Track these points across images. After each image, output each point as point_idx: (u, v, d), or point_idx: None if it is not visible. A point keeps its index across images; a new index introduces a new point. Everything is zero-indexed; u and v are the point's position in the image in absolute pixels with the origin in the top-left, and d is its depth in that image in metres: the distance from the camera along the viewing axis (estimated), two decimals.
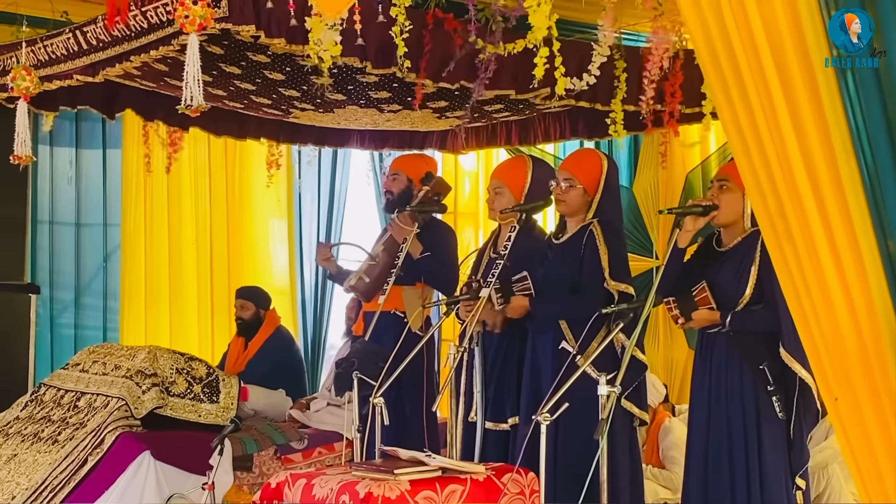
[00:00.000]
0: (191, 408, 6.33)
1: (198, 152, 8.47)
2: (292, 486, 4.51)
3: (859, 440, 2.72)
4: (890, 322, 2.67)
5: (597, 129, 7.06)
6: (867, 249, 2.73)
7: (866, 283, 2.71)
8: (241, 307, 7.65)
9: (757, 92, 2.89)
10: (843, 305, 2.74)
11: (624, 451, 5.12)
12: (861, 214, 2.76)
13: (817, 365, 2.88)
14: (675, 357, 8.16)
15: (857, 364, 2.70)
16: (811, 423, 4.81)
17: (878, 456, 2.67)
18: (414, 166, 6.46)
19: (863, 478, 2.74)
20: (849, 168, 2.78)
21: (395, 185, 6.41)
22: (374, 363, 5.38)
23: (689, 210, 4.83)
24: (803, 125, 2.81)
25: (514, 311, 5.37)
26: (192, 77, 4.45)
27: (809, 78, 2.82)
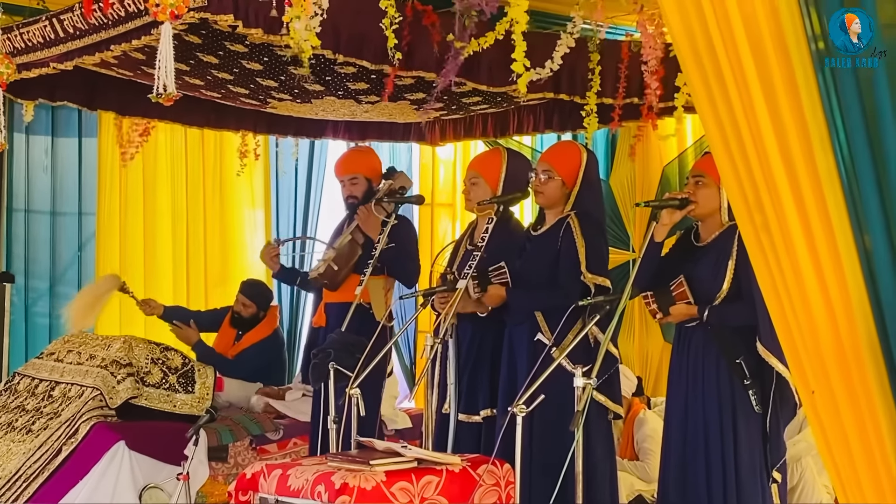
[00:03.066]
0: (166, 398, 6.32)
1: (174, 141, 8.43)
2: (267, 477, 4.50)
3: (835, 434, 2.74)
4: (866, 316, 2.68)
5: (570, 121, 7.08)
6: (843, 243, 2.74)
7: (843, 277, 2.72)
8: (243, 304, 7.60)
9: (736, 86, 2.90)
10: (819, 299, 2.75)
11: (599, 443, 5.13)
12: (838, 209, 2.77)
13: (794, 359, 2.89)
14: (651, 350, 8.19)
15: (833, 358, 2.71)
16: (788, 417, 4.84)
17: (853, 449, 2.68)
18: (366, 165, 6.46)
19: (838, 471, 2.76)
20: (826, 162, 2.79)
21: (356, 189, 6.37)
22: (350, 354, 5.38)
23: (666, 203, 4.84)
24: (781, 119, 2.81)
25: (491, 300, 5.36)
26: (165, 66, 4.42)
27: (788, 72, 2.83)
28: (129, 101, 6.87)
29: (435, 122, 7.94)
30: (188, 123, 7.55)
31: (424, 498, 4.35)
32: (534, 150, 8.45)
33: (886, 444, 2.61)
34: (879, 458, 2.63)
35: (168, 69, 4.44)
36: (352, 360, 5.27)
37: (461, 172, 8.65)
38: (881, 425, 2.62)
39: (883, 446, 2.62)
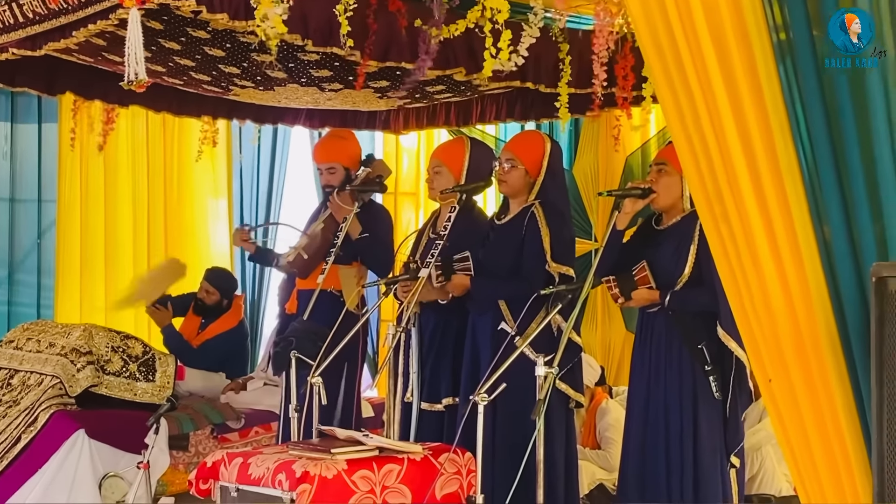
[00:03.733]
0: (126, 386, 6.27)
1: (135, 129, 8.36)
2: (228, 465, 4.49)
3: (793, 421, 2.75)
4: (825, 306, 2.69)
5: (533, 110, 7.09)
6: (803, 234, 2.76)
7: (802, 267, 2.73)
8: (207, 291, 7.59)
9: (697, 76, 2.90)
10: (778, 289, 2.76)
11: (560, 431, 5.14)
12: (798, 199, 2.78)
13: (752, 347, 2.91)
14: (613, 339, 8.21)
15: (791, 347, 2.73)
16: (745, 404, 4.86)
17: (810, 437, 2.70)
18: (344, 154, 6.31)
19: (795, 458, 2.77)
20: (786, 153, 2.80)
21: (333, 179, 6.23)
22: (312, 342, 5.36)
23: (628, 192, 4.86)
24: (742, 110, 2.82)
25: (455, 289, 5.36)
26: (134, 52, 4.38)
27: (749, 63, 2.84)
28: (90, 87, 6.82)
29: (398, 111, 7.92)
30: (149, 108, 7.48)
31: (385, 486, 4.35)
32: (497, 139, 8.45)
33: (843, 432, 2.62)
34: (836, 446, 2.65)
35: (138, 56, 4.40)
36: (314, 348, 5.25)
37: (425, 161, 8.62)
38: (839, 414, 2.64)
39: (840, 434, 2.63)
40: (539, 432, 4.18)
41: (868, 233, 2.62)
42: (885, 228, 2.59)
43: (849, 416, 2.61)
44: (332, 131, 7.01)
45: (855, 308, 2.60)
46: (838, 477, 2.64)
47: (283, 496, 4.16)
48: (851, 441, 2.60)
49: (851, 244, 2.66)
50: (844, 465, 2.62)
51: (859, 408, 2.60)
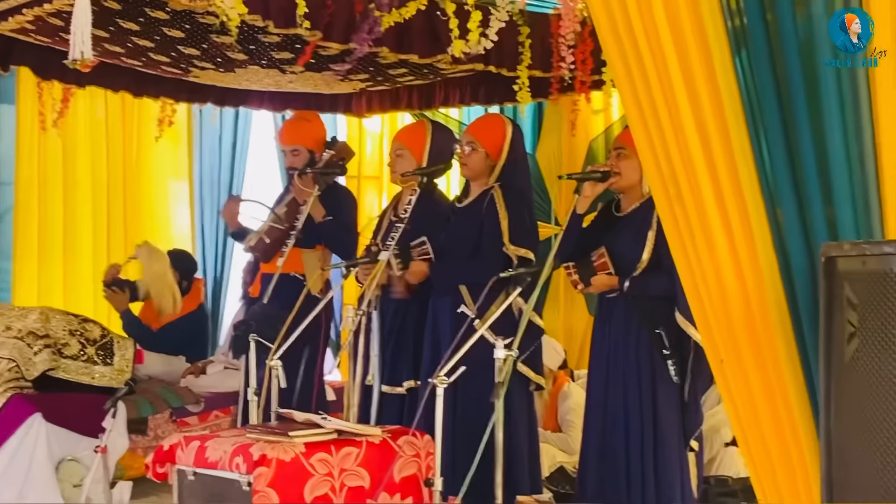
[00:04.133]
0: (84, 370, 6.22)
1: (94, 110, 8.28)
2: (185, 449, 4.47)
3: (743, 400, 2.76)
4: (776, 286, 2.70)
5: (497, 94, 7.08)
6: (755, 216, 2.76)
7: (754, 247, 2.74)
8: None
9: (652, 57, 2.91)
10: (730, 269, 2.77)
11: (521, 414, 5.15)
12: (751, 182, 2.79)
13: (704, 327, 2.92)
14: (575, 323, 8.23)
15: (742, 327, 2.74)
16: (704, 387, 4.88)
17: (761, 417, 2.71)
18: (309, 136, 6.26)
19: (746, 437, 2.79)
20: (739, 135, 2.80)
21: (297, 161, 6.19)
22: (271, 326, 5.34)
23: (588, 176, 4.86)
24: (696, 91, 2.83)
25: (414, 276, 5.37)
26: (81, 30, 4.32)
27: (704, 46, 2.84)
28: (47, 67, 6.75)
29: (361, 94, 7.90)
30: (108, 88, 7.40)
31: (344, 469, 4.34)
32: (461, 122, 8.43)
33: (794, 411, 2.64)
34: (787, 425, 2.66)
35: (84, 34, 4.34)
36: (273, 331, 5.23)
37: (388, 145, 8.60)
38: (789, 393, 2.65)
39: (790, 413, 2.65)
40: (498, 415, 4.18)
41: (819, 215, 2.64)
42: (835, 211, 2.60)
43: (799, 394, 2.63)
44: (297, 114, 6.94)
45: (806, 289, 2.61)
46: (788, 455, 2.65)
47: (240, 479, 4.15)
48: (801, 420, 2.62)
49: (803, 226, 2.67)
50: (794, 443, 2.63)
51: (809, 387, 2.61)
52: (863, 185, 2.58)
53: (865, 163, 2.58)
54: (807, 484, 2.60)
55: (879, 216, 2.56)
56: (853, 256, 2.18)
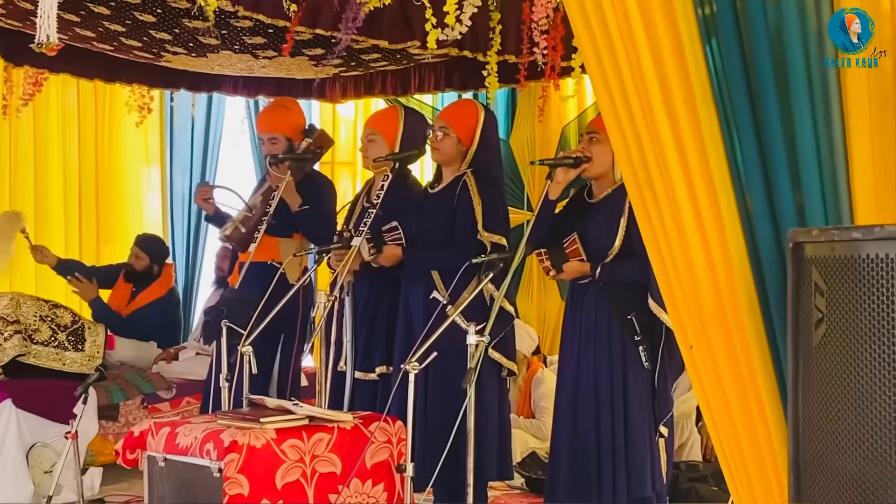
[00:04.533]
0: (55, 356, 6.20)
1: (66, 96, 8.25)
2: (156, 435, 4.44)
3: (713, 386, 2.77)
4: (745, 273, 2.71)
5: (471, 80, 7.08)
6: (725, 202, 2.77)
7: (723, 233, 2.75)
8: (136, 257, 7.54)
9: (622, 42, 2.91)
10: (700, 255, 2.78)
11: (492, 400, 5.15)
12: (720, 168, 2.80)
13: (674, 313, 2.92)
14: (548, 309, 8.25)
15: (712, 313, 2.74)
16: (676, 373, 4.89)
17: (730, 401, 2.72)
18: (287, 124, 6.17)
19: (715, 422, 2.80)
20: (709, 123, 2.81)
21: (276, 149, 6.09)
22: (243, 311, 5.33)
23: (561, 161, 4.85)
24: (667, 79, 2.83)
25: (387, 260, 5.35)
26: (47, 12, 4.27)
27: (674, 32, 2.84)
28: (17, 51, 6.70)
29: (335, 80, 7.88)
30: (80, 75, 7.37)
31: (315, 455, 4.33)
32: (434, 108, 8.44)
33: (762, 397, 2.65)
34: (756, 410, 2.67)
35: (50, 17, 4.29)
36: (244, 317, 5.22)
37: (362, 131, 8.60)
38: (758, 378, 2.66)
39: (759, 398, 2.66)
40: (470, 401, 4.18)
41: (788, 202, 2.64)
42: (804, 198, 2.61)
43: (767, 380, 2.64)
44: (275, 101, 6.87)
45: (774, 275, 2.62)
46: (757, 440, 2.66)
47: (210, 465, 4.13)
48: (770, 405, 2.63)
49: (772, 212, 2.68)
50: (763, 428, 2.64)
51: (777, 373, 2.62)
52: (832, 171, 2.59)
53: (834, 150, 2.60)
54: (775, 468, 2.62)
55: (848, 203, 2.57)
56: (821, 242, 2.19)
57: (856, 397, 2.06)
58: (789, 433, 2.33)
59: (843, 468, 2.09)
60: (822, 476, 2.17)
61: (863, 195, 2.55)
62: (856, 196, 2.55)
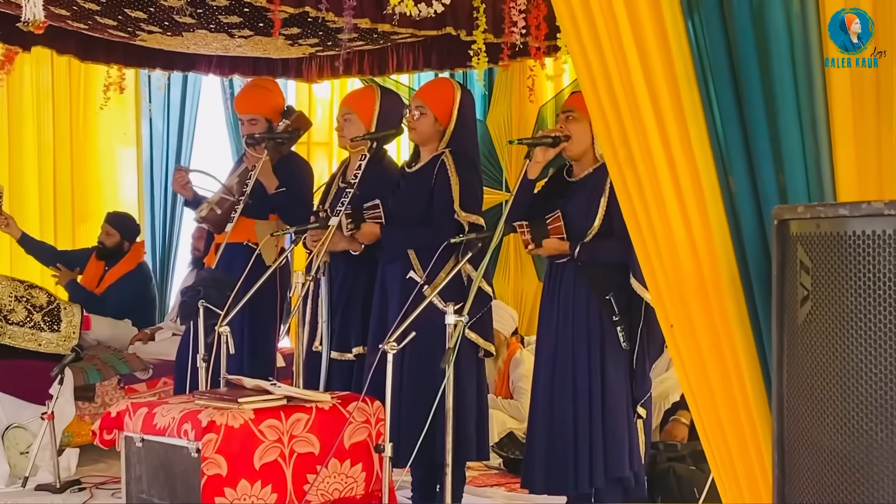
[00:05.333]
0: (30, 336, 6.16)
1: (40, 75, 8.19)
2: (133, 416, 4.43)
3: (694, 365, 2.77)
4: (727, 251, 2.70)
5: (449, 60, 7.07)
6: (707, 180, 2.76)
7: (705, 212, 2.73)
8: (107, 233, 7.53)
9: (603, 18, 2.89)
10: (682, 233, 2.77)
11: (470, 380, 5.14)
12: (702, 145, 2.78)
13: (655, 291, 2.91)
14: (525, 289, 8.26)
15: (693, 292, 2.73)
16: (655, 355, 4.89)
17: (711, 380, 2.71)
18: (266, 105, 6.10)
19: (696, 402, 2.79)
20: (691, 100, 2.79)
21: (255, 130, 6.02)
22: (220, 291, 5.31)
23: (540, 141, 4.83)
24: (647, 54, 2.81)
25: (365, 237, 5.32)
26: None
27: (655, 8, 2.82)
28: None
29: (311, 59, 7.84)
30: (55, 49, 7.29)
31: (294, 436, 4.33)
32: (411, 88, 8.42)
33: (744, 376, 2.64)
34: (737, 390, 2.66)
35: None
36: (221, 297, 5.20)
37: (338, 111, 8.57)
38: (739, 357, 2.65)
39: (741, 378, 2.65)
40: (448, 381, 4.18)
41: (771, 182, 2.63)
42: (786, 179, 2.60)
43: (749, 359, 2.63)
44: (254, 80, 6.80)
45: (757, 254, 2.61)
46: (738, 420, 2.66)
47: (188, 446, 4.12)
48: (752, 385, 2.62)
49: (754, 193, 2.67)
50: (745, 408, 2.64)
51: (760, 351, 2.62)
52: (815, 151, 2.58)
53: (817, 129, 2.58)
54: (757, 446, 2.62)
55: (831, 182, 2.56)
56: (807, 219, 2.18)
57: (841, 374, 2.05)
58: (773, 411, 2.32)
59: (828, 446, 2.09)
60: (807, 454, 2.16)
61: (845, 175, 2.54)
62: (839, 176, 2.55)
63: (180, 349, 5.96)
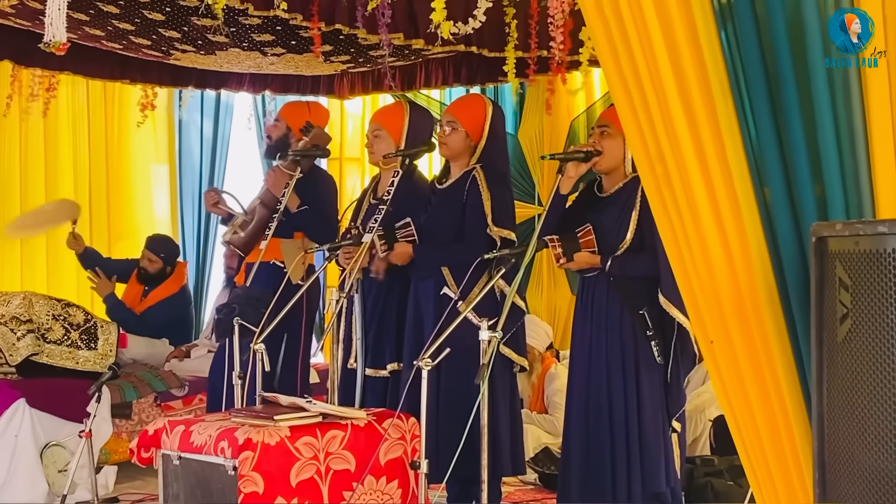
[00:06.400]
0: (68, 355, 6.20)
1: (76, 95, 8.26)
2: (170, 434, 4.44)
3: (733, 382, 2.75)
4: (765, 268, 2.69)
5: (478, 74, 7.08)
6: (743, 195, 2.75)
7: (742, 227, 2.73)
8: (149, 260, 7.55)
9: (638, 36, 2.89)
10: (719, 250, 2.76)
11: (504, 395, 5.14)
12: (738, 161, 2.77)
13: (693, 308, 2.90)
14: (559, 303, 8.24)
15: (732, 308, 2.72)
16: (688, 368, 4.88)
17: (750, 397, 2.70)
18: (295, 115, 6.18)
19: (735, 417, 2.78)
20: (727, 115, 2.79)
21: (274, 131, 6.20)
22: (254, 309, 5.32)
23: (572, 156, 4.83)
24: (683, 71, 2.81)
25: (398, 258, 5.34)
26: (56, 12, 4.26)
27: (689, 24, 2.82)
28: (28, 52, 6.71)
29: (343, 76, 7.87)
30: (90, 75, 7.39)
31: (329, 453, 4.33)
32: (442, 103, 8.44)
33: (784, 393, 2.63)
34: (777, 407, 2.65)
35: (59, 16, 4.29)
36: (256, 314, 5.21)
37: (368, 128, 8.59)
38: (779, 374, 2.64)
39: (780, 395, 2.64)
40: (483, 397, 4.17)
41: (808, 194, 2.62)
42: (825, 189, 2.59)
43: (789, 375, 2.62)
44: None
45: (795, 269, 2.60)
46: (778, 437, 2.65)
47: (225, 463, 4.13)
48: (791, 400, 2.61)
49: (791, 205, 2.66)
50: (784, 425, 2.63)
51: (799, 367, 2.61)
52: (853, 162, 2.56)
53: (855, 140, 2.57)
54: (797, 464, 2.61)
55: (870, 194, 2.54)
56: (845, 237, 2.17)
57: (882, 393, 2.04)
58: (813, 429, 2.31)
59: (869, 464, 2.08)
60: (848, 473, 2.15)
61: (885, 186, 2.52)
62: (878, 187, 2.53)
63: (213, 366, 5.99)
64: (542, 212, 4.87)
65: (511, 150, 7.71)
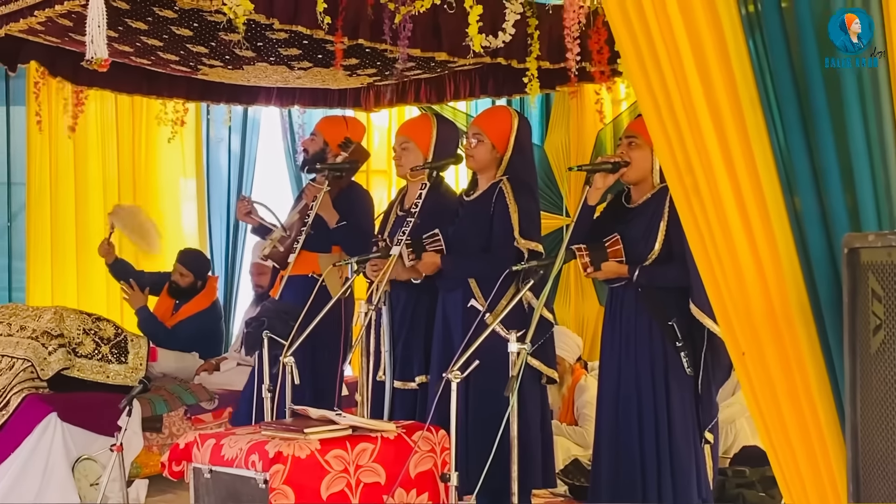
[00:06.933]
0: (98, 369, 6.23)
1: (104, 110, 8.31)
2: (201, 447, 4.46)
3: (765, 394, 2.74)
4: (796, 278, 2.69)
5: (505, 86, 7.08)
6: (773, 205, 2.74)
7: (773, 238, 2.72)
8: (181, 274, 7.59)
9: (665, 47, 2.89)
10: (749, 261, 2.75)
11: (534, 407, 5.14)
12: (768, 170, 2.77)
13: (724, 320, 2.89)
14: (587, 314, 8.22)
15: (763, 319, 2.71)
16: (721, 379, 4.84)
17: (783, 409, 2.69)
18: (333, 130, 6.30)
19: (768, 431, 2.77)
20: (756, 124, 2.78)
21: (311, 146, 6.29)
22: (284, 322, 5.34)
23: (599, 167, 4.82)
24: (711, 81, 2.81)
25: (426, 268, 5.34)
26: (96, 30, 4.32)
27: (717, 33, 2.82)
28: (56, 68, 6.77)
29: (369, 88, 7.89)
30: (119, 90, 7.44)
31: (359, 465, 4.34)
32: (468, 115, 8.45)
33: (816, 404, 2.62)
34: (809, 418, 2.64)
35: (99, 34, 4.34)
36: (285, 328, 5.23)
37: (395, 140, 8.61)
38: (811, 385, 2.63)
39: (813, 406, 2.63)
40: (512, 409, 4.17)
41: (839, 203, 2.61)
42: (856, 198, 2.58)
43: (821, 387, 2.61)
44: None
45: (826, 279, 2.59)
46: (812, 449, 2.63)
47: (256, 477, 4.15)
48: (824, 412, 2.60)
49: (822, 215, 2.65)
50: (817, 436, 2.62)
51: (832, 379, 2.59)
52: (884, 171, 2.55)
53: (886, 149, 2.55)
54: (830, 475, 2.59)
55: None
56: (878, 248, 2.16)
57: None
58: (847, 440, 2.30)
59: None
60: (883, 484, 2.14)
61: None
62: None
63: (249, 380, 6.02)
64: (570, 223, 4.87)
65: (537, 161, 7.71)
